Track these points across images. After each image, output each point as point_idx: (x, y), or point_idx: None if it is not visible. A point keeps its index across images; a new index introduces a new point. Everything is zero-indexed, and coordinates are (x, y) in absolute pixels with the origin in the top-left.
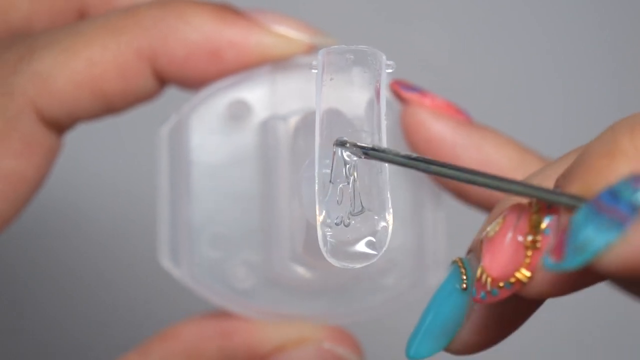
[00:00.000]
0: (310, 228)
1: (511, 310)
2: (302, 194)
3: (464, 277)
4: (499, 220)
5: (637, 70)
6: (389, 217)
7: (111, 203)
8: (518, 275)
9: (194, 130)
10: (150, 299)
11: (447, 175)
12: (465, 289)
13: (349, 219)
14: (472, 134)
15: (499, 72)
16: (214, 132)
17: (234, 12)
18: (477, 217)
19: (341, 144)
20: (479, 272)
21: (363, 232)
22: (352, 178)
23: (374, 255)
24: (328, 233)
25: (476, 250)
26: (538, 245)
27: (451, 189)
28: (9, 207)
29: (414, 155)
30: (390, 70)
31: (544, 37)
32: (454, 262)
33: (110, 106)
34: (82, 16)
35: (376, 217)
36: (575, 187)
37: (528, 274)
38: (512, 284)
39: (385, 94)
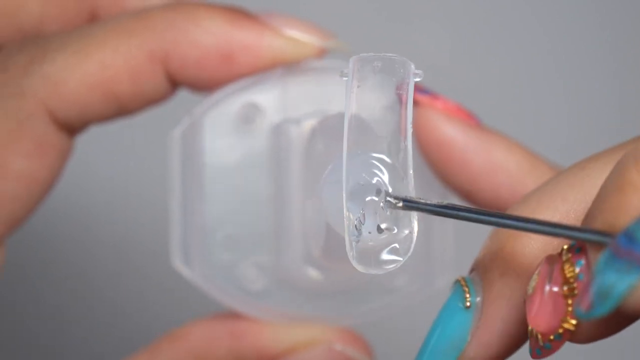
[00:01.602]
0: (330, 231)
1: (516, 326)
2: (323, 198)
3: (467, 296)
4: (535, 276)
5: (639, 70)
6: (414, 224)
7: (122, 205)
8: (565, 325)
9: (207, 133)
10: (161, 301)
11: (476, 220)
12: (469, 308)
13: (376, 226)
14: (482, 138)
15: (500, 72)
16: (227, 135)
17: (246, 16)
18: None
19: (377, 193)
20: (529, 328)
21: (388, 239)
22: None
23: (398, 262)
24: (354, 240)
25: (479, 268)
26: (576, 292)
27: (459, 191)
28: (21, 208)
29: (445, 202)
30: (418, 79)
31: (546, 37)
32: (457, 281)
33: (122, 108)
34: (93, 19)
35: (401, 224)
36: (597, 226)
37: (574, 322)
38: (561, 334)
39: (412, 102)
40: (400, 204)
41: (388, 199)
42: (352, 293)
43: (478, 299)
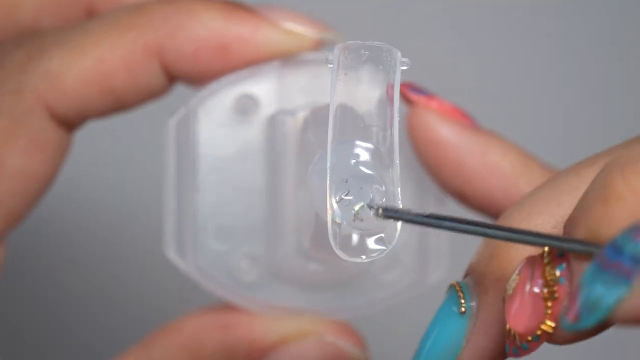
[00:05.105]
0: (319, 221)
1: None
2: (312, 187)
3: (462, 301)
4: (515, 276)
5: (636, 69)
6: None
7: (117, 199)
8: (543, 327)
9: (202, 123)
10: (156, 294)
11: (460, 229)
12: (464, 313)
13: (360, 214)
14: (477, 139)
15: (500, 73)
16: (222, 125)
17: (242, 8)
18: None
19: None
20: (507, 328)
21: (372, 227)
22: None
23: (382, 250)
24: (338, 227)
25: (474, 273)
26: (556, 295)
27: (454, 193)
28: (20, 205)
29: (427, 212)
30: (405, 67)
31: (547, 39)
32: (452, 286)
33: (120, 103)
34: (89, 14)
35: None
36: (580, 234)
37: (553, 324)
38: (539, 336)
39: (398, 90)
40: (380, 212)
41: (369, 208)
42: (345, 286)
43: (473, 303)
